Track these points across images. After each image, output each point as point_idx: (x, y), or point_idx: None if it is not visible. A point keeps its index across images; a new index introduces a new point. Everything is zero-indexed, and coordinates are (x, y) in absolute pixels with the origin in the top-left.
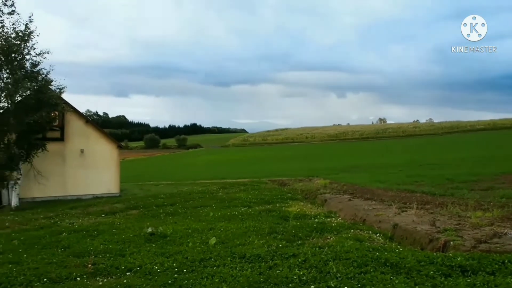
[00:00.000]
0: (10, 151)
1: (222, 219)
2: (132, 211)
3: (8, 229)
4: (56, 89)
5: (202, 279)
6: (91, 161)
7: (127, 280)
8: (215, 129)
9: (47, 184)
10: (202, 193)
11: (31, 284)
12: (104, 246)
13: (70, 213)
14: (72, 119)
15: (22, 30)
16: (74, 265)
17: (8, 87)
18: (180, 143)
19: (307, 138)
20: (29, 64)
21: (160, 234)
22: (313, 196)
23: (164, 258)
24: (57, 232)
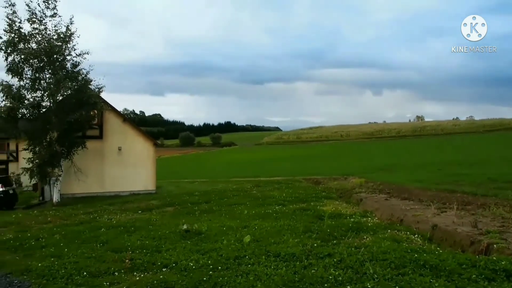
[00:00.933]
0: (52, 148)
1: (256, 217)
2: (167, 208)
3: (50, 224)
4: (95, 88)
5: (236, 276)
6: (128, 159)
7: (163, 276)
8: (249, 127)
9: (86, 180)
10: (236, 191)
11: (71, 277)
12: (141, 242)
13: (108, 209)
14: (110, 118)
15: (64, 32)
16: (112, 260)
17: (51, 87)
18: (215, 141)
19: (342, 136)
20: (70, 64)
21: (195, 231)
22: (348, 195)
23: (199, 255)
24: (96, 228)
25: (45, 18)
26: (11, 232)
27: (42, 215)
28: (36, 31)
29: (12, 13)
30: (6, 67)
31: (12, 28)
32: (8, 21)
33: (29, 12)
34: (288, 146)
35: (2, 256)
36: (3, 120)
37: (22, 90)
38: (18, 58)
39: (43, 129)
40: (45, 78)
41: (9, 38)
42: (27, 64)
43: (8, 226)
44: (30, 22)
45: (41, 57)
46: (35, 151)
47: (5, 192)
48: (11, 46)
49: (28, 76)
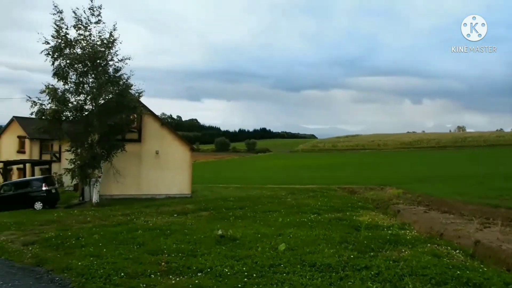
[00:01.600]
0: (93, 150)
1: (291, 225)
2: (202, 212)
3: (90, 224)
4: (135, 93)
5: (272, 285)
6: (165, 162)
7: (198, 281)
8: (284, 134)
9: (124, 182)
10: (271, 197)
11: (109, 277)
12: (177, 246)
13: (144, 212)
14: (148, 122)
15: (107, 38)
16: (148, 262)
17: (93, 91)
18: (250, 147)
19: (379, 145)
20: (112, 69)
21: (230, 237)
22: (385, 206)
23: (234, 261)
24: (133, 229)
25: (90, 25)
26: (53, 230)
27: (82, 215)
28: (81, 37)
29: (60, 20)
30: (53, 71)
31: (59, 34)
32: (56, 28)
33: (75, 19)
34: (323, 154)
35: (45, 253)
36: (48, 122)
37: (67, 93)
38: (64, 63)
39: (85, 131)
40: (88, 82)
41: (56, 44)
42: (72, 68)
43: (50, 224)
44: (76, 29)
45: (85, 62)
46: (77, 152)
47: (48, 191)
48: (57, 52)
49: (73, 80)
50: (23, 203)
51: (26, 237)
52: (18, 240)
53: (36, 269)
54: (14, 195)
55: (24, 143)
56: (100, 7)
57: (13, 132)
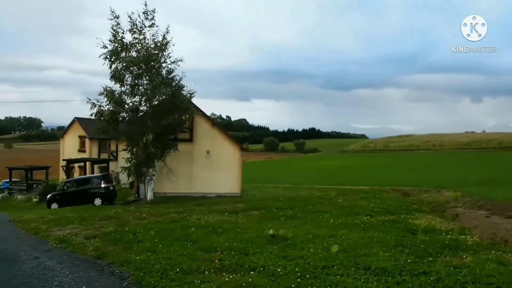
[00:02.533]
0: (148, 150)
1: (343, 226)
2: (253, 211)
3: (145, 220)
4: (187, 94)
5: (325, 287)
6: (216, 162)
7: (251, 279)
8: (334, 133)
9: (176, 181)
10: (321, 198)
11: (165, 272)
12: (229, 244)
13: (197, 210)
14: (200, 122)
15: (160, 41)
16: (202, 259)
17: (148, 92)
18: (299, 147)
19: (434, 145)
20: (165, 71)
21: (281, 236)
22: (442, 209)
23: (286, 261)
24: (186, 227)
25: (144, 28)
26: (112, 225)
27: (138, 211)
28: (136, 40)
29: (116, 25)
30: (110, 74)
31: (116, 38)
32: (113, 32)
33: (131, 23)
34: (375, 155)
35: (105, 247)
36: (106, 122)
37: (123, 95)
38: (120, 66)
39: (140, 131)
40: (143, 84)
41: (113, 48)
42: (128, 71)
43: (109, 220)
44: (131, 33)
45: (140, 65)
46: (132, 152)
47: (107, 188)
48: (114, 55)
49: (128, 83)
50: (84, 199)
51: (88, 231)
52: (81, 233)
53: (98, 262)
54: (76, 191)
55: (84, 143)
56: (154, 11)
57: (74, 132)
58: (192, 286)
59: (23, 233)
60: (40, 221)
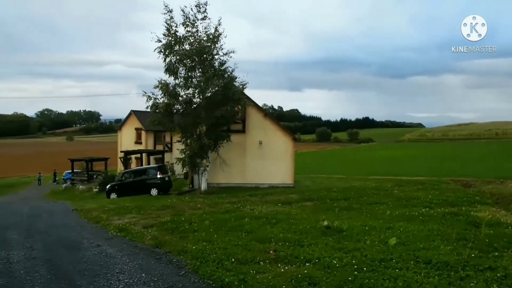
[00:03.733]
0: (201, 141)
1: (401, 218)
2: (306, 202)
3: (200, 210)
4: (240, 85)
5: (384, 280)
6: (268, 152)
7: (307, 271)
8: (388, 123)
9: (230, 171)
10: (376, 189)
11: (221, 262)
12: (283, 235)
13: (250, 200)
14: (252, 113)
15: (212, 33)
16: (257, 250)
17: (201, 84)
18: (352, 137)
19: (497, 134)
20: (218, 63)
21: (336, 228)
22: (507, 202)
23: (342, 254)
24: (240, 217)
25: (196, 21)
26: (168, 215)
27: (193, 202)
28: (189, 33)
29: (170, 19)
30: (165, 67)
31: (170, 32)
32: (167, 26)
33: (184, 16)
34: (432, 144)
35: (163, 236)
36: (161, 115)
37: (177, 87)
38: (174, 59)
39: (194, 123)
40: (196, 76)
41: (167, 42)
42: (181, 64)
43: (165, 210)
44: (184, 26)
45: (193, 57)
46: (187, 143)
47: (162, 179)
48: (168, 49)
49: (182, 75)
50: (140, 189)
51: (146, 220)
52: (139, 223)
53: (156, 250)
54: (133, 181)
55: (140, 135)
56: (206, 4)
57: (131, 125)
58: (247, 276)
59: (85, 221)
60: (101, 210)
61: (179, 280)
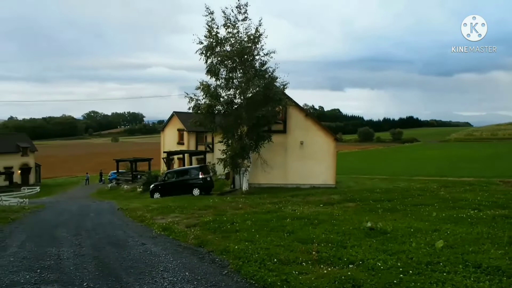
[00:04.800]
0: (243, 141)
1: (448, 220)
2: (348, 203)
3: (241, 210)
4: (280, 85)
5: (431, 284)
6: (310, 153)
7: (350, 273)
8: (434, 122)
9: (271, 172)
10: (421, 190)
11: (263, 262)
12: (326, 236)
13: (291, 201)
14: (293, 113)
15: (253, 34)
16: (299, 250)
17: (242, 85)
18: (395, 137)
19: None
20: (258, 63)
21: (379, 230)
22: None
23: (386, 256)
24: (282, 217)
25: (237, 23)
26: (210, 215)
27: (234, 202)
28: (230, 35)
29: (211, 20)
30: (206, 68)
31: (211, 33)
32: (208, 28)
33: (225, 18)
34: (481, 144)
35: (205, 235)
36: (203, 115)
37: (218, 89)
38: (215, 60)
39: (235, 123)
40: (237, 77)
41: (208, 43)
42: (222, 65)
43: (207, 209)
44: (225, 27)
45: (233, 58)
46: (228, 143)
47: (204, 179)
48: (210, 50)
49: (223, 76)
50: (183, 189)
51: (188, 220)
52: (182, 222)
53: (199, 249)
54: (175, 181)
55: (182, 135)
56: (246, 5)
57: (173, 126)
58: (290, 277)
59: (130, 220)
60: (145, 210)
61: (222, 279)
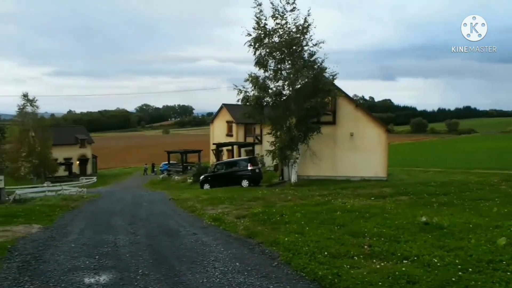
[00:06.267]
0: (291, 133)
1: (510, 216)
2: (401, 196)
3: (290, 202)
4: (329, 76)
5: (493, 283)
6: (360, 144)
7: (405, 268)
8: (493, 112)
9: (319, 164)
10: (480, 184)
11: (314, 255)
12: (378, 230)
13: (341, 193)
14: (343, 104)
15: (302, 24)
16: (350, 244)
17: (290, 76)
18: (451, 128)
19: None
20: (307, 54)
21: (435, 224)
22: None
23: (443, 252)
24: (332, 210)
25: (286, 13)
26: (260, 206)
27: (283, 193)
28: (279, 26)
29: (259, 12)
30: (255, 60)
31: (259, 25)
32: (256, 20)
33: (273, 9)
34: None
35: (255, 227)
36: (251, 107)
37: (267, 80)
38: (264, 52)
39: (283, 115)
40: (285, 68)
41: (256, 35)
42: (271, 56)
43: (256, 201)
44: (273, 18)
45: (282, 49)
46: (276, 135)
47: (253, 170)
48: (258, 42)
49: (271, 68)
50: (232, 181)
51: (238, 211)
52: (232, 213)
53: (248, 241)
54: (225, 173)
55: (231, 127)
56: None
57: (222, 118)
58: (341, 271)
59: (181, 210)
60: (195, 200)
61: (272, 270)
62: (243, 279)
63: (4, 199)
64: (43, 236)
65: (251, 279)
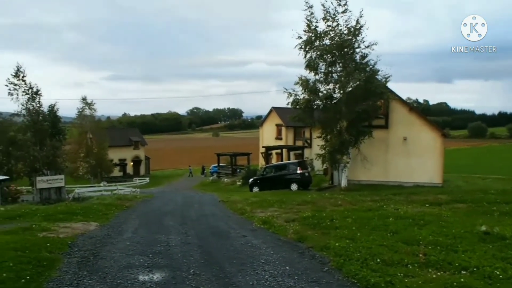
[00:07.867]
0: (342, 137)
1: None
2: (458, 204)
3: (341, 207)
4: (382, 78)
5: None
6: (414, 149)
7: (463, 280)
8: None
9: (371, 168)
10: None
11: (366, 261)
12: (433, 238)
13: (393, 199)
14: (396, 107)
15: (354, 26)
16: (404, 252)
17: (341, 79)
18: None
19: None
20: (359, 56)
21: (496, 234)
22: None
23: (506, 264)
24: (384, 216)
25: (337, 15)
26: (309, 211)
27: (333, 198)
28: (330, 28)
29: (310, 15)
30: (305, 63)
31: (310, 28)
32: (307, 22)
33: (324, 11)
34: None
35: (305, 231)
36: (301, 111)
37: (317, 83)
38: (314, 55)
39: (334, 118)
40: (337, 71)
41: (307, 38)
42: (321, 59)
43: (306, 205)
44: (324, 21)
45: (333, 52)
46: (327, 139)
47: (302, 174)
48: (309, 45)
49: (322, 71)
50: (281, 184)
51: (287, 214)
52: (281, 216)
53: (298, 245)
54: (274, 176)
55: (280, 130)
56: None
57: (272, 121)
58: (395, 279)
59: (231, 212)
60: (245, 203)
61: (322, 276)
62: (293, 283)
63: (64, 197)
64: (100, 234)
65: (302, 284)
